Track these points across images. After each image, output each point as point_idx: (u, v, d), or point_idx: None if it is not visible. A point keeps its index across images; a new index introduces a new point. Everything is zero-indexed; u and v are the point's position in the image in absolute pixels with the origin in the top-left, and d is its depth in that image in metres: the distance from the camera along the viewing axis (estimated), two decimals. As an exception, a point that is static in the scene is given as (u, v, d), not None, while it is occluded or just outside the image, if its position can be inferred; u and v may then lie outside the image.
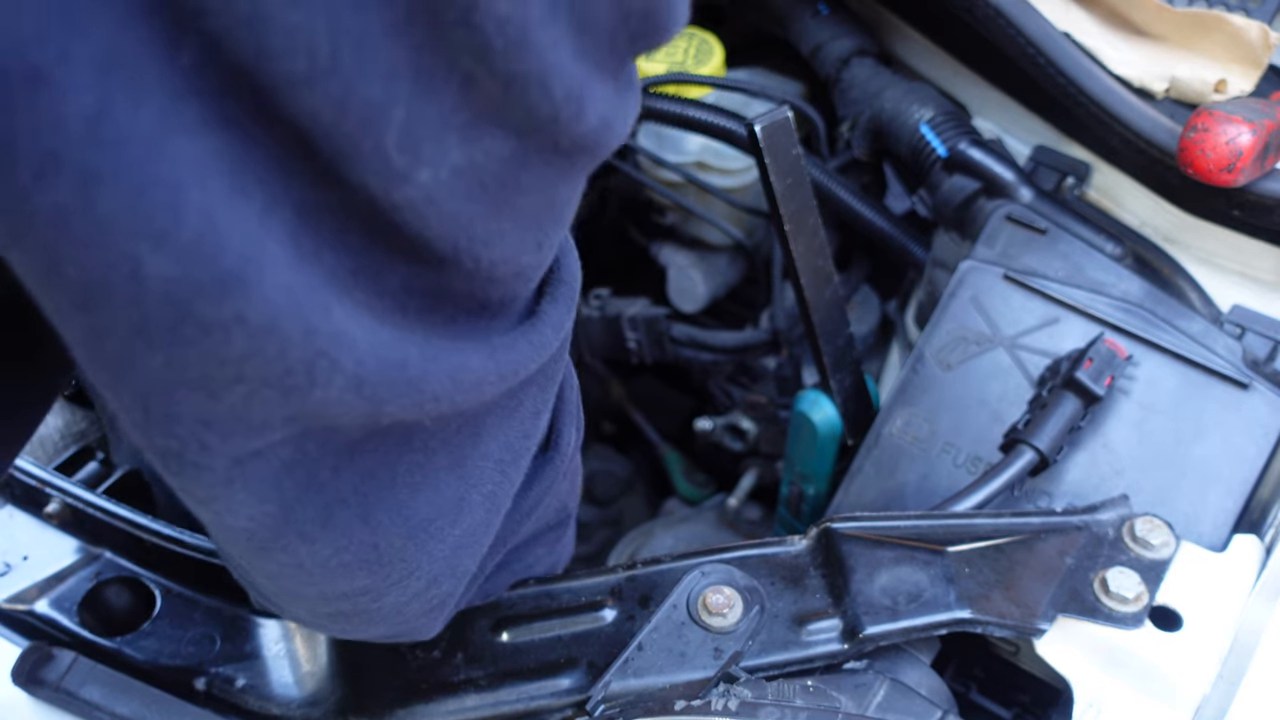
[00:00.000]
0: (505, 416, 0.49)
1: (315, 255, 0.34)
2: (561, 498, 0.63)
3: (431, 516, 0.47)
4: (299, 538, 0.43)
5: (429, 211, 0.35)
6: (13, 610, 0.67)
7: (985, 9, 0.84)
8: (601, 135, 0.38)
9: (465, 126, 0.34)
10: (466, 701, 0.63)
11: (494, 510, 0.52)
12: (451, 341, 0.41)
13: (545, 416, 0.53)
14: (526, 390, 0.50)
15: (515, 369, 0.45)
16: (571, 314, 0.50)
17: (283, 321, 0.33)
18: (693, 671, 0.61)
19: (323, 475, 0.41)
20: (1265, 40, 0.80)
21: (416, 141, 0.33)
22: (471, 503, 0.49)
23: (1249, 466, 0.73)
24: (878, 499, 0.80)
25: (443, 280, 0.39)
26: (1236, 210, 0.79)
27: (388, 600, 0.49)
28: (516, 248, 0.41)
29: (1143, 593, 0.63)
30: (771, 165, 0.77)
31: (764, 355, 1.12)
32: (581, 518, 1.34)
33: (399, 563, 0.47)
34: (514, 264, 0.41)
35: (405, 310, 0.39)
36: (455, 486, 0.48)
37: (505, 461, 0.50)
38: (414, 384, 0.39)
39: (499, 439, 0.49)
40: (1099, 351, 0.75)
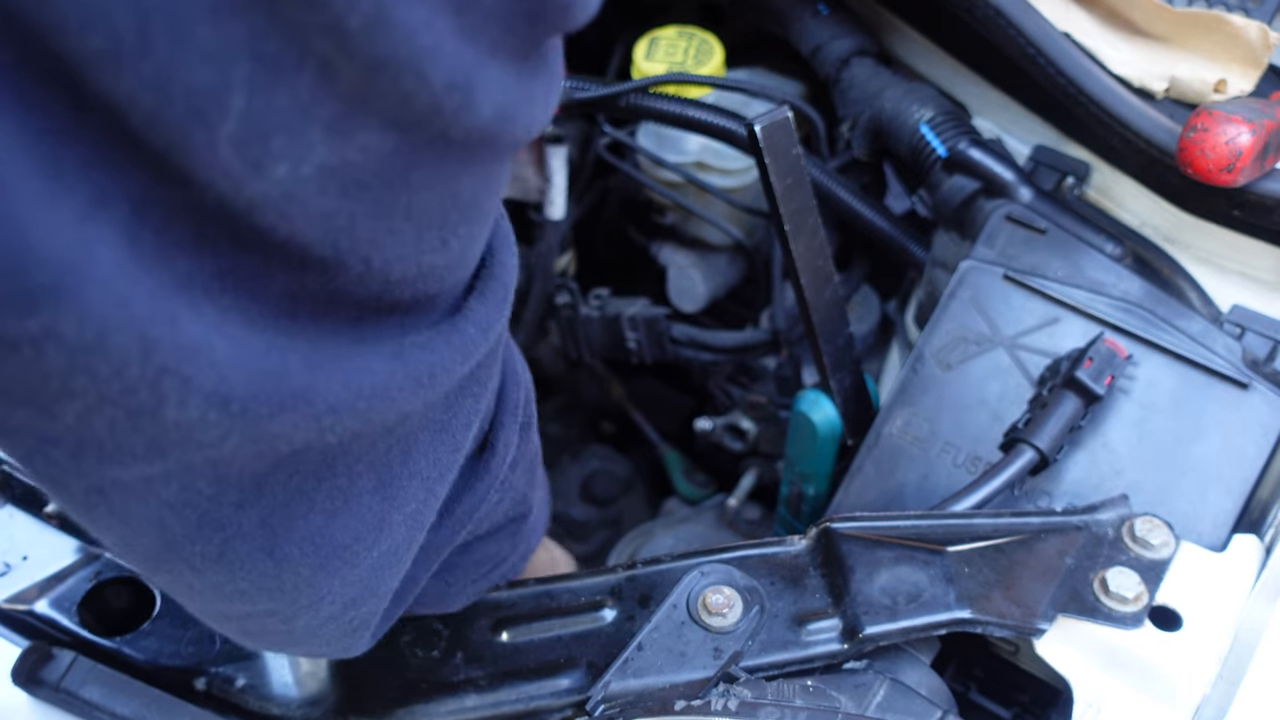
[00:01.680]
0: (437, 431, 0.45)
1: (162, 260, 0.30)
2: (518, 490, 0.60)
3: (347, 543, 0.43)
4: (186, 567, 0.39)
5: (294, 211, 0.32)
6: (13, 610, 0.67)
7: (985, 9, 0.84)
8: (501, 126, 0.34)
9: (332, 119, 0.30)
10: (466, 701, 0.63)
11: (417, 527, 0.48)
12: (350, 346, 0.37)
13: (475, 426, 0.49)
14: (459, 401, 0.46)
15: (433, 373, 0.40)
16: (504, 313, 0.46)
17: (111, 336, 0.29)
18: (693, 671, 0.61)
19: (222, 513, 0.38)
20: (1265, 40, 0.80)
21: (266, 134, 0.29)
22: (393, 523, 0.45)
23: (1249, 466, 0.73)
24: (878, 499, 0.80)
25: (334, 284, 0.35)
26: (1236, 210, 0.79)
27: (299, 624, 0.46)
28: (414, 248, 0.37)
29: (1142, 592, 0.63)
30: (771, 165, 0.77)
31: (764, 355, 1.12)
32: (581, 518, 1.34)
33: (307, 589, 0.43)
34: (414, 264, 0.37)
35: (295, 315, 0.35)
36: (378, 509, 0.44)
37: (432, 479, 0.46)
38: (300, 397, 0.34)
39: (429, 455, 0.45)
40: (1099, 351, 0.75)
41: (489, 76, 0.33)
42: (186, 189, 0.30)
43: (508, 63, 0.33)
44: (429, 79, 0.31)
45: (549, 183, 1.07)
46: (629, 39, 1.11)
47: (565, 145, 1.06)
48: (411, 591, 0.54)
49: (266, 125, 0.29)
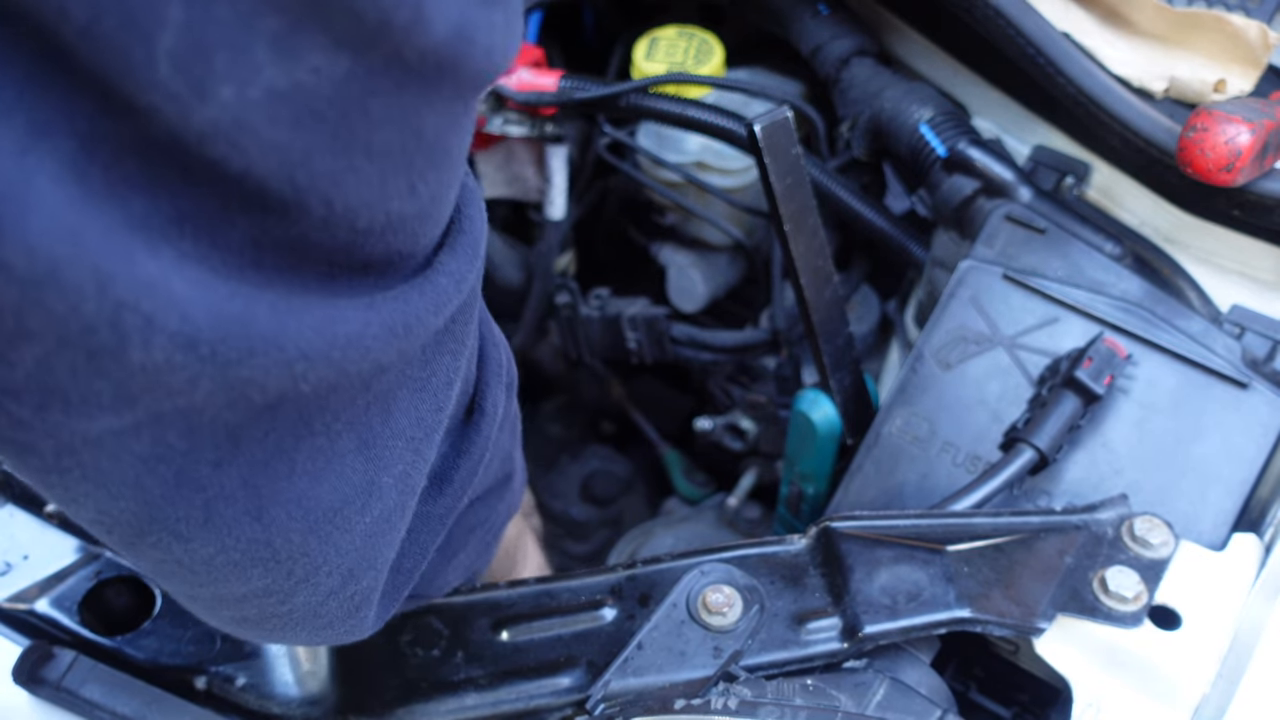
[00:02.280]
0: (417, 389, 0.44)
1: (112, 196, 0.30)
2: (504, 449, 0.60)
3: (337, 506, 0.42)
4: (171, 536, 0.39)
5: (245, 140, 0.30)
6: (13, 609, 0.67)
7: (984, 9, 0.84)
8: (459, 49, 0.33)
9: (277, 36, 0.29)
10: (466, 700, 0.63)
11: (408, 492, 0.47)
12: (321, 297, 0.36)
13: (457, 385, 0.48)
14: (437, 358, 0.45)
15: (408, 324, 0.39)
16: (476, 266, 0.45)
17: (63, 269, 0.29)
18: (692, 670, 0.61)
19: (200, 471, 0.37)
20: (1264, 40, 0.80)
21: (206, 51, 0.28)
22: (383, 486, 0.44)
23: (1248, 466, 0.73)
24: (877, 498, 0.80)
25: (298, 231, 0.34)
26: (1236, 210, 0.79)
27: (298, 600, 0.45)
28: (379, 192, 0.35)
29: (1142, 592, 0.63)
30: (771, 165, 0.78)
31: (764, 355, 1.12)
32: (581, 518, 1.34)
33: (301, 558, 0.42)
34: (380, 211, 0.36)
35: (260, 265, 0.34)
36: (364, 471, 0.43)
37: (418, 439, 0.46)
38: (270, 341, 0.34)
39: (410, 414, 0.44)
40: (1098, 351, 0.75)
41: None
42: (133, 119, 0.29)
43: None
44: None
45: (549, 183, 1.07)
46: (629, 39, 1.11)
47: (565, 145, 1.06)
48: (418, 566, 0.54)
49: (207, 40, 0.28)
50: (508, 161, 1.10)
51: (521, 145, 1.08)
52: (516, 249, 1.16)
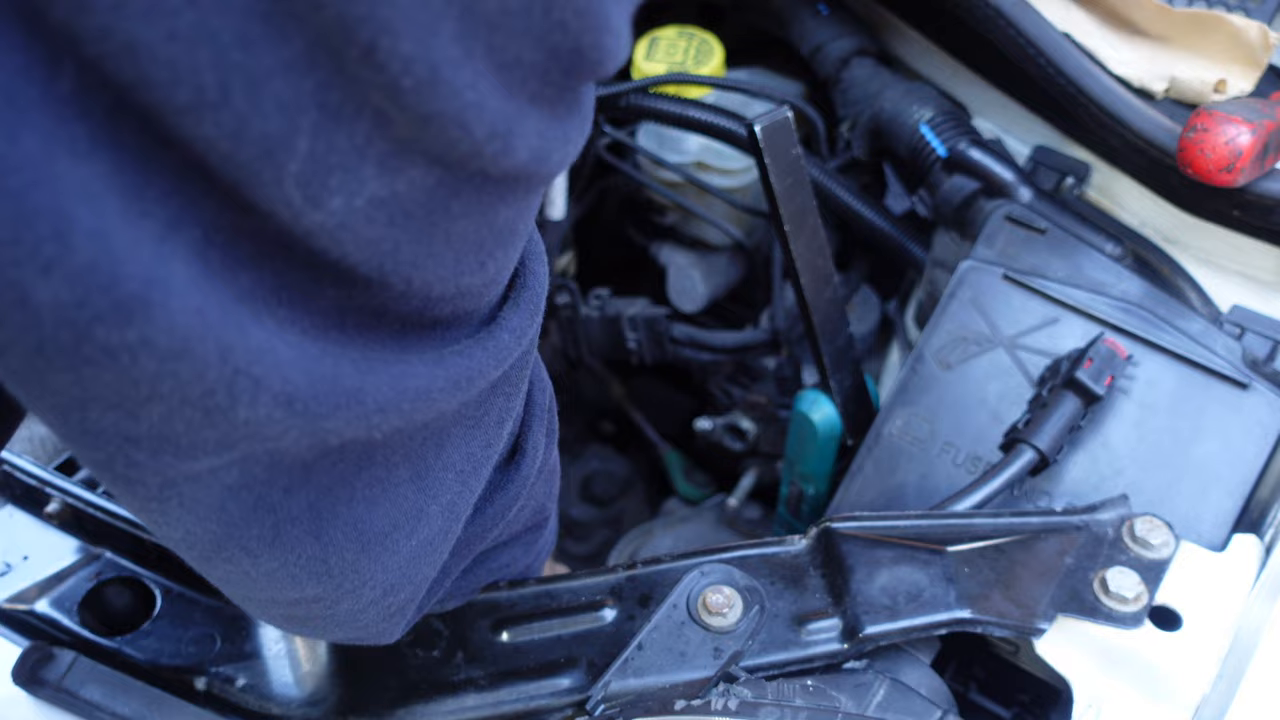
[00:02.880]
0: (470, 426, 0.48)
1: (227, 274, 0.34)
2: (538, 500, 0.63)
3: (387, 530, 0.46)
4: (242, 552, 0.43)
5: (345, 238, 0.35)
6: (13, 610, 0.67)
7: (985, 9, 0.84)
8: (536, 166, 0.38)
9: (383, 158, 0.34)
10: (466, 701, 0.63)
11: (453, 519, 0.51)
12: (396, 354, 0.40)
13: (509, 425, 0.52)
14: (491, 399, 0.49)
15: (470, 377, 0.44)
16: (536, 320, 0.49)
17: (194, 343, 0.33)
18: (693, 671, 0.61)
19: (273, 496, 0.41)
20: (1265, 40, 0.80)
21: (325, 172, 0.33)
22: (430, 514, 0.48)
23: (1248, 466, 0.73)
24: (878, 499, 0.80)
25: (378, 300, 0.39)
26: (1236, 210, 0.79)
27: (341, 608, 0.49)
28: (453, 269, 0.40)
29: (1142, 592, 0.63)
30: (771, 165, 0.77)
31: (764, 355, 1.12)
32: (581, 518, 1.34)
33: (351, 574, 0.47)
34: (453, 284, 0.41)
35: (343, 326, 0.39)
36: (415, 499, 0.47)
37: (466, 472, 0.50)
38: (352, 396, 0.38)
39: (462, 449, 0.49)
40: (1099, 351, 0.75)
41: (527, 124, 0.36)
42: (251, 216, 0.33)
43: (545, 110, 0.37)
44: (472, 129, 0.34)
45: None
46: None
47: (565, 145, 1.05)
48: (443, 584, 0.57)
49: (327, 165, 0.33)
50: (508, 161, 1.10)
51: (521, 145, 1.08)
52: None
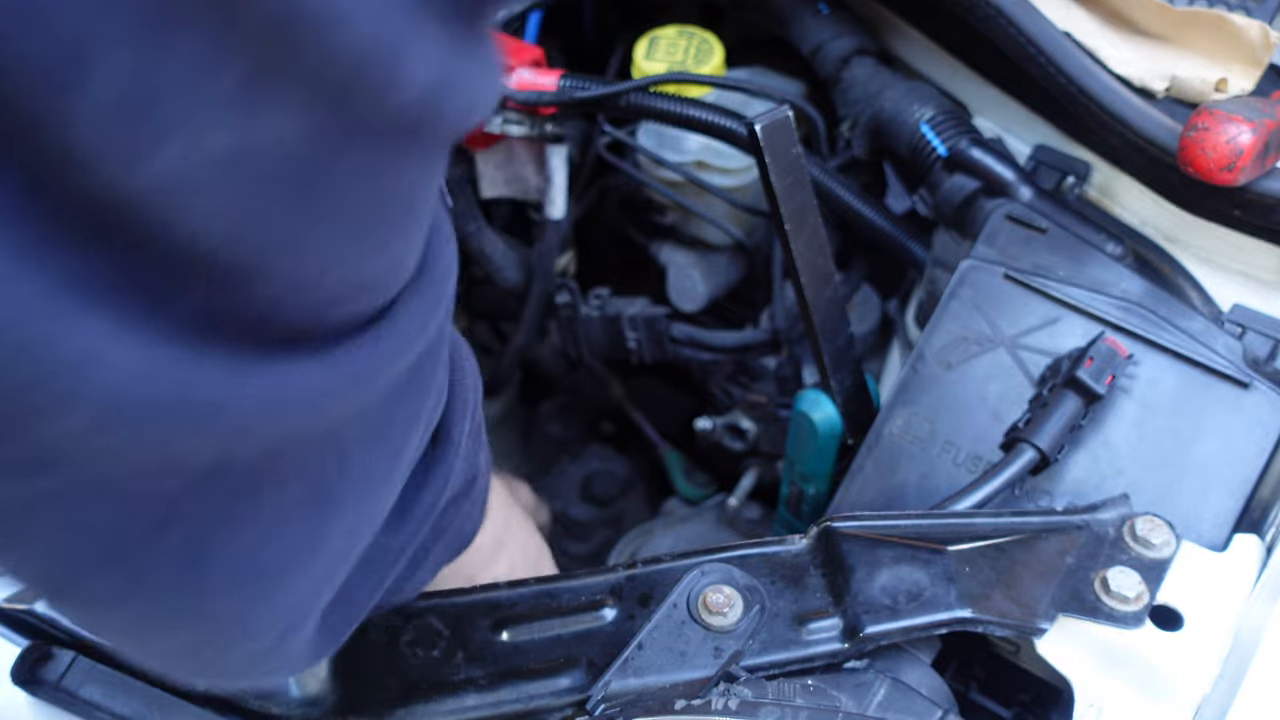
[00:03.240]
0: (375, 436, 0.42)
1: (46, 256, 0.27)
2: (470, 458, 0.58)
3: (279, 563, 0.39)
4: (94, 599, 0.36)
5: (194, 203, 0.27)
6: (12, 609, 0.67)
7: (986, 8, 0.84)
8: (437, 105, 0.30)
9: (237, 90, 0.26)
10: (466, 701, 0.63)
11: (357, 538, 0.44)
12: (270, 357, 0.33)
13: (419, 431, 0.46)
14: (397, 403, 0.42)
15: (364, 377, 0.37)
16: (441, 310, 0.42)
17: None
18: (693, 670, 0.61)
19: (130, 536, 0.34)
20: (1266, 39, 0.80)
21: (146, 106, 0.25)
22: (330, 537, 0.42)
23: (1250, 466, 0.73)
24: (878, 498, 0.80)
25: (260, 296, 0.31)
26: (1237, 209, 0.79)
27: (235, 651, 0.42)
28: (349, 253, 0.33)
29: (1143, 592, 0.63)
30: (771, 165, 0.77)
31: (764, 355, 1.12)
32: (581, 518, 1.34)
33: (240, 614, 0.40)
34: (352, 272, 0.33)
35: (217, 331, 0.31)
36: (312, 525, 0.40)
37: (371, 486, 0.43)
38: (210, 410, 0.31)
39: (365, 464, 0.42)
40: (1100, 350, 0.75)
41: (418, 45, 0.28)
42: (67, 172, 0.26)
43: (440, 30, 0.29)
44: (345, 43, 0.26)
45: (549, 182, 1.07)
46: (629, 39, 1.11)
47: (565, 145, 1.06)
48: (373, 598, 0.51)
49: (148, 94, 0.25)
50: (508, 161, 1.10)
51: (521, 145, 1.08)
52: (516, 249, 1.15)
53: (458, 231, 1.09)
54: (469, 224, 1.09)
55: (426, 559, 0.60)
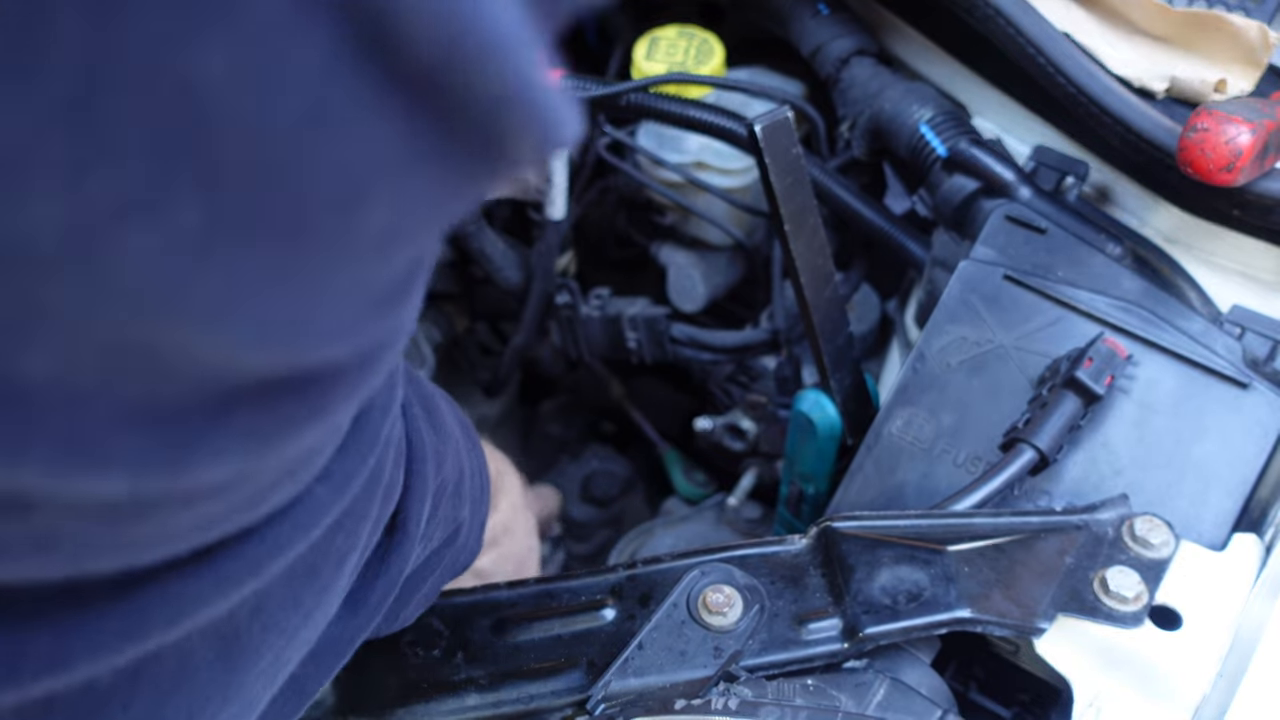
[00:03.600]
0: (299, 579, 0.40)
1: None
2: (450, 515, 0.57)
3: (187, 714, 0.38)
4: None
5: None
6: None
7: (985, 9, 0.84)
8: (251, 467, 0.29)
9: None
10: (467, 701, 0.63)
11: (277, 673, 0.42)
12: (126, 596, 0.31)
13: (354, 556, 0.44)
14: (330, 540, 0.40)
15: (258, 566, 0.36)
16: (374, 451, 0.40)
17: None
18: (693, 670, 0.61)
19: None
20: (1265, 40, 0.80)
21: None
22: (246, 683, 0.40)
23: (1249, 466, 0.73)
24: (878, 498, 0.80)
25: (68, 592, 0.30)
26: (1236, 210, 0.79)
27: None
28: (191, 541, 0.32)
29: (1142, 592, 0.63)
30: (771, 165, 0.77)
31: (764, 355, 1.12)
32: (581, 518, 1.34)
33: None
34: (233, 523, 0.33)
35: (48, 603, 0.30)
36: (221, 678, 0.38)
37: (295, 624, 0.41)
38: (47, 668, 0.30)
39: (287, 604, 0.40)
40: (1099, 351, 0.75)
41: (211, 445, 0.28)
42: None
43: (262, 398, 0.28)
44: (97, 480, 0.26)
45: (549, 183, 1.07)
46: (629, 39, 1.11)
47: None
48: (320, 685, 0.49)
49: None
50: (508, 161, 1.10)
51: (521, 145, 1.08)
52: (516, 249, 1.16)
53: (457, 231, 1.10)
54: (469, 224, 1.09)
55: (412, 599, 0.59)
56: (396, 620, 0.59)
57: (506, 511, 0.81)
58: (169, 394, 0.26)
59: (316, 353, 0.28)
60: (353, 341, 0.30)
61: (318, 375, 0.30)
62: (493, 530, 0.80)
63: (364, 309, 0.29)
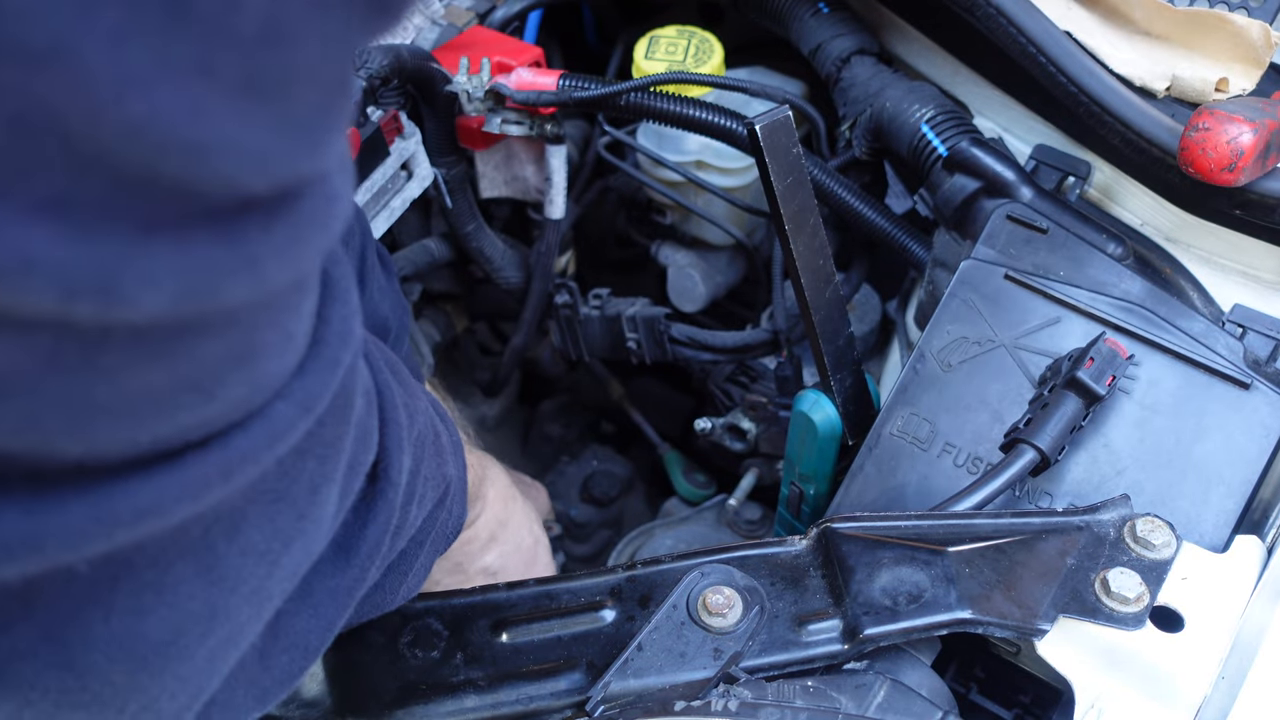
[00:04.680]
0: (272, 502, 0.41)
1: None
2: (436, 479, 0.58)
3: (170, 638, 0.38)
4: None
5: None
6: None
7: (986, 8, 0.83)
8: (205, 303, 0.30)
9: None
10: (466, 702, 0.63)
11: (263, 602, 0.43)
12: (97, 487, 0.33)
13: (330, 488, 0.45)
14: (300, 464, 0.42)
15: (228, 469, 0.36)
16: (334, 375, 0.42)
17: None
18: (693, 672, 0.61)
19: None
20: (1266, 39, 0.80)
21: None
22: (228, 607, 0.40)
23: (1250, 467, 0.73)
24: (878, 499, 0.80)
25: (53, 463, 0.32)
26: (1238, 210, 0.79)
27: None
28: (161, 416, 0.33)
29: (1144, 593, 0.63)
30: (771, 165, 0.77)
31: (764, 355, 1.12)
32: (581, 518, 1.33)
33: (133, 694, 0.39)
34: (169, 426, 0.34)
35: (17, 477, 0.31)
36: (204, 596, 0.39)
37: (274, 551, 0.42)
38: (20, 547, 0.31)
39: (265, 528, 0.41)
40: (1100, 351, 0.75)
41: (141, 265, 0.28)
42: None
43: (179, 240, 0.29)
44: (31, 291, 0.27)
45: (549, 182, 1.07)
46: (629, 39, 1.11)
47: (565, 145, 1.06)
48: (326, 638, 0.51)
49: None
50: (507, 161, 1.10)
51: (521, 145, 1.08)
52: (516, 249, 1.15)
53: (457, 231, 1.09)
54: (468, 224, 1.09)
55: (413, 567, 0.60)
56: (398, 592, 0.60)
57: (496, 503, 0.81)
58: (84, 190, 0.27)
59: (220, 160, 0.29)
60: (260, 165, 0.30)
61: (234, 214, 0.30)
62: (489, 526, 0.80)
63: (266, 123, 0.29)
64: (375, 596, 0.57)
